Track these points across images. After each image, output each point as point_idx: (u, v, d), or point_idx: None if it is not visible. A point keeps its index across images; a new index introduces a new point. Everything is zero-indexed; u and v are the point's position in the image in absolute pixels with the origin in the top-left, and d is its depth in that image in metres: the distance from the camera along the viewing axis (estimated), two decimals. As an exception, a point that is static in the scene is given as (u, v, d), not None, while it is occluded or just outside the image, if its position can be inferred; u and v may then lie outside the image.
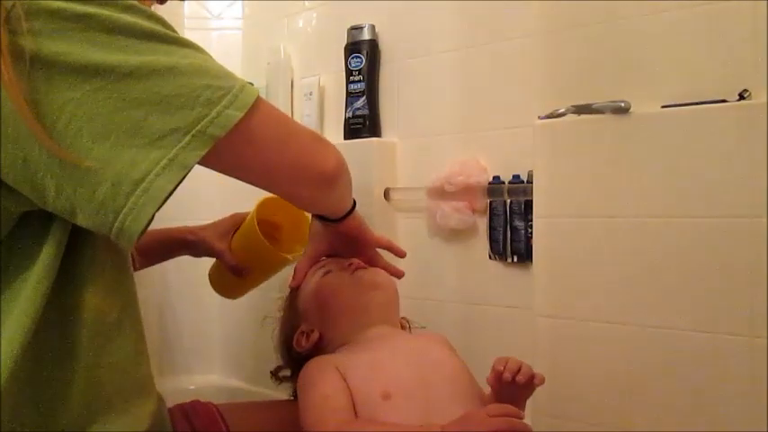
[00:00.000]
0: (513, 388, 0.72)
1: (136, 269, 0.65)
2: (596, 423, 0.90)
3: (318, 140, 0.68)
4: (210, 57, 0.57)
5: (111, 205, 0.51)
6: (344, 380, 0.75)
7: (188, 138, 0.52)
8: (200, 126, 0.53)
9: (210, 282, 1.07)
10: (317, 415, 0.72)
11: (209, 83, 0.54)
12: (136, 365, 0.64)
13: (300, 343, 0.85)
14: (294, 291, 0.91)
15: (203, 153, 0.53)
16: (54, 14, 0.50)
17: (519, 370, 0.72)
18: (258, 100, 0.58)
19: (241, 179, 0.64)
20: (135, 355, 0.63)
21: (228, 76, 0.56)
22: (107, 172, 0.51)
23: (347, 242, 0.90)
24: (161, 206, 0.52)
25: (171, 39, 0.54)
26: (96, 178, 0.51)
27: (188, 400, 0.86)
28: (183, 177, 0.53)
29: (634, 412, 0.87)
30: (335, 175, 0.69)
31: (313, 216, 0.89)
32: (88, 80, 0.50)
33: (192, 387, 1.42)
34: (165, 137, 0.52)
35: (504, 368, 0.71)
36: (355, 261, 0.88)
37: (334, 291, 0.86)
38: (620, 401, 0.89)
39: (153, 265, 1.02)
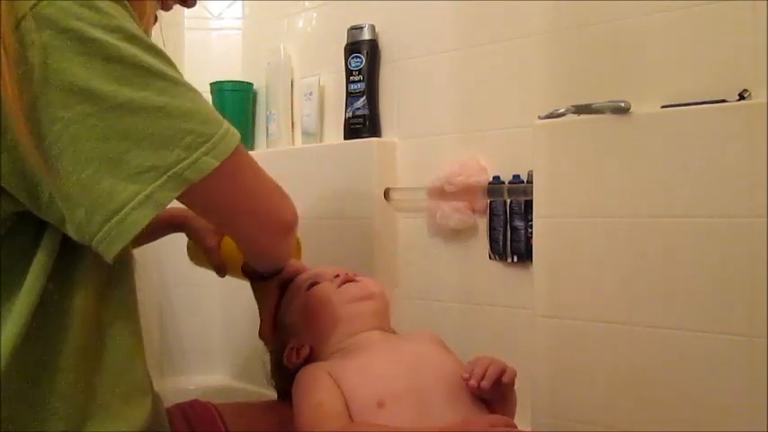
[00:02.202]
0: (492, 387, 0.72)
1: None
2: (596, 423, 0.90)
3: (280, 192, 0.71)
4: (200, 96, 0.58)
5: (86, 229, 0.53)
6: (338, 386, 0.74)
7: (164, 178, 0.54)
8: (177, 168, 0.54)
9: (188, 252, 1.04)
10: (312, 422, 0.71)
11: (193, 128, 0.55)
12: (131, 367, 0.63)
13: (291, 359, 0.85)
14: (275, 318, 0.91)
15: (176, 195, 0.55)
16: (63, 32, 0.51)
17: (484, 374, 0.72)
18: (236, 149, 0.59)
19: (208, 220, 0.68)
20: (130, 356, 0.63)
21: (213, 121, 0.58)
22: (84, 198, 0.52)
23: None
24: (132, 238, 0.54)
25: (165, 76, 0.55)
26: (74, 201, 0.53)
27: (187, 400, 0.85)
28: (156, 214, 0.54)
29: (634, 412, 0.87)
30: (293, 225, 0.73)
31: (249, 279, 0.92)
32: (80, 103, 0.51)
33: (192, 387, 1.42)
34: (144, 173, 0.53)
35: (471, 375, 0.72)
36: (342, 273, 0.87)
37: (321, 303, 0.85)
38: (620, 401, 0.89)
39: (142, 245, 1.00)
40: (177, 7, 0.77)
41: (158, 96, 0.54)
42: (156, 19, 0.73)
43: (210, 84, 1.51)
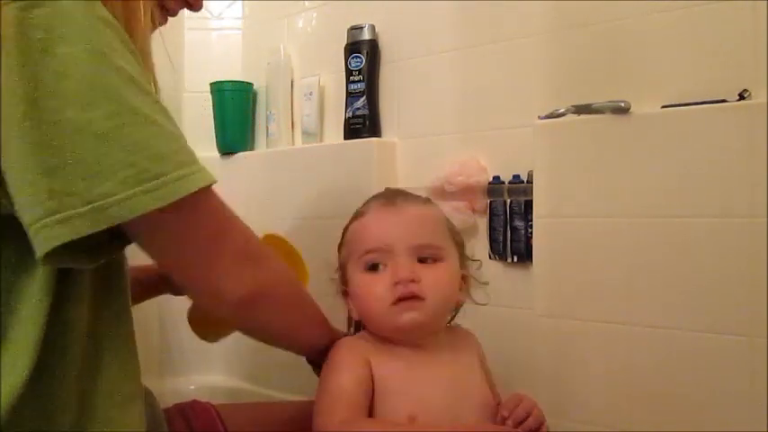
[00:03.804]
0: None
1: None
2: (596, 423, 0.90)
3: (244, 260, 0.62)
4: (169, 130, 0.54)
5: (25, 223, 0.51)
6: (371, 376, 0.72)
7: (86, 208, 0.50)
8: (103, 202, 0.50)
9: (191, 323, 0.94)
10: (328, 403, 0.71)
11: (136, 162, 0.51)
12: (125, 377, 0.63)
13: (349, 312, 0.80)
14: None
15: (96, 229, 0.50)
16: (24, 38, 0.50)
17: (527, 417, 0.71)
18: (197, 198, 0.54)
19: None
20: (124, 367, 0.63)
21: (169, 160, 0.52)
22: (22, 195, 0.51)
23: None
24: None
25: (123, 100, 0.51)
26: (18, 198, 0.51)
27: (187, 401, 0.85)
28: (71, 239, 0.50)
29: (634, 412, 0.87)
30: (236, 304, 0.63)
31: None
32: (22, 107, 0.50)
33: (191, 387, 1.42)
34: (66, 196, 0.50)
35: (510, 415, 0.71)
36: (403, 282, 0.73)
37: (369, 305, 0.76)
38: (620, 401, 0.89)
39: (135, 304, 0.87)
40: (177, 8, 0.76)
41: (104, 121, 0.50)
42: (158, 23, 0.70)
43: (210, 84, 1.51)
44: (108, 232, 0.52)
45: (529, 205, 1.02)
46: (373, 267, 0.75)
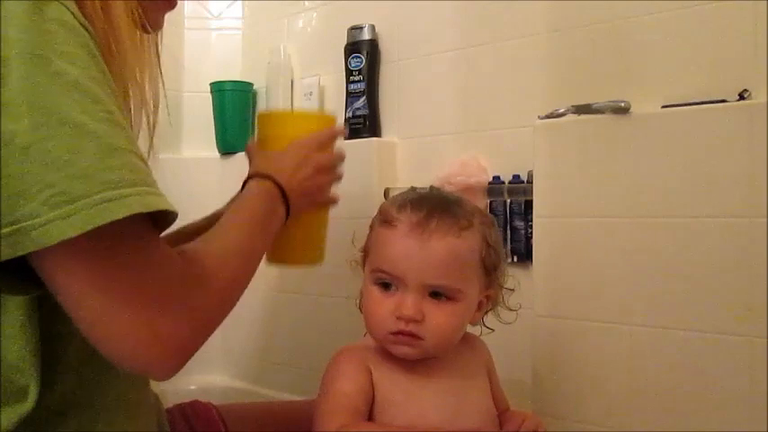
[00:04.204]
0: None
1: None
2: (596, 423, 0.90)
3: (148, 325, 0.51)
4: (111, 138, 0.47)
5: None
6: (372, 384, 0.72)
7: (9, 229, 0.44)
8: (26, 224, 0.44)
9: (272, 256, 0.87)
10: (329, 408, 0.71)
11: (56, 182, 0.44)
12: (134, 386, 0.62)
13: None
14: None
15: (20, 252, 0.44)
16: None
17: None
18: (120, 228, 0.45)
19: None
20: (128, 379, 0.62)
21: (92, 180, 0.45)
22: None
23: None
24: None
25: (50, 110, 0.46)
26: None
27: (188, 401, 0.86)
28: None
29: (634, 412, 0.87)
30: (136, 366, 0.54)
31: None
32: None
33: (192, 387, 1.41)
34: None
35: None
36: (404, 320, 0.70)
37: (371, 316, 0.74)
38: (620, 401, 0.89)
39: None
40: (177, 7, 0.75)
41: (29, 133, 0.44)
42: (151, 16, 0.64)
43: (210, 84, 1.51)
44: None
45: (529, 205, 1.02)
46: (384, 285, 0.73)
